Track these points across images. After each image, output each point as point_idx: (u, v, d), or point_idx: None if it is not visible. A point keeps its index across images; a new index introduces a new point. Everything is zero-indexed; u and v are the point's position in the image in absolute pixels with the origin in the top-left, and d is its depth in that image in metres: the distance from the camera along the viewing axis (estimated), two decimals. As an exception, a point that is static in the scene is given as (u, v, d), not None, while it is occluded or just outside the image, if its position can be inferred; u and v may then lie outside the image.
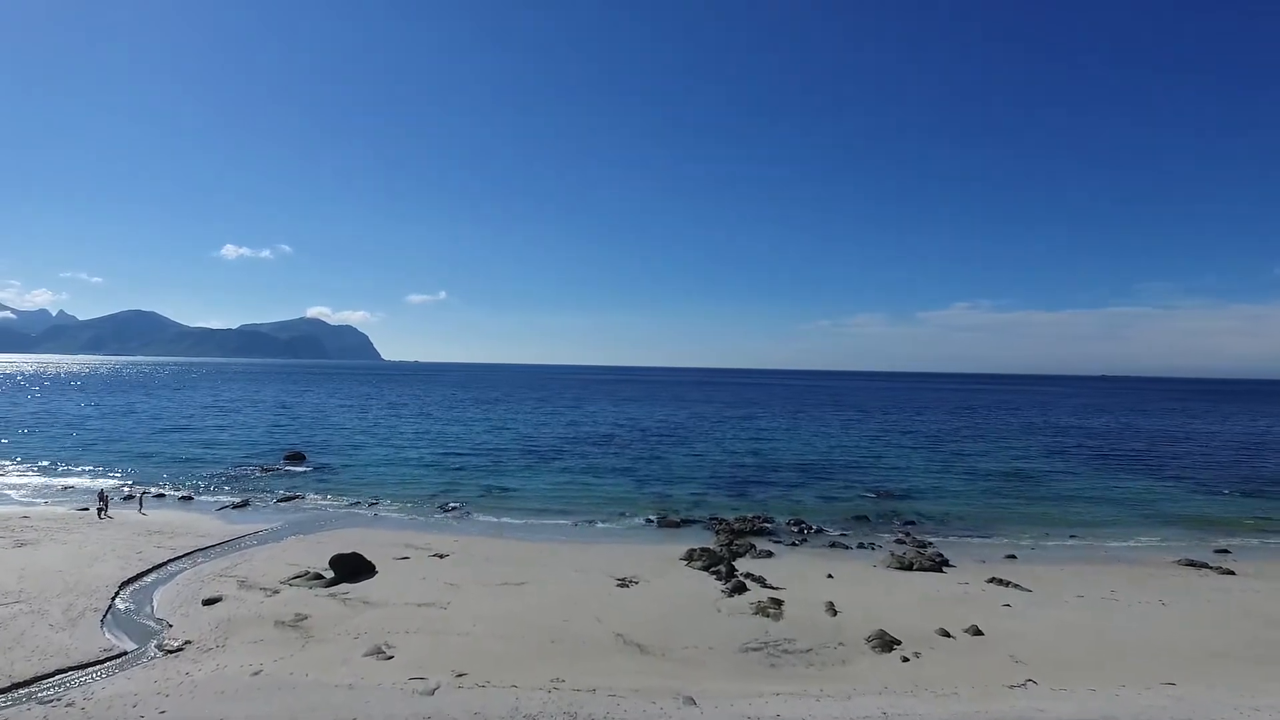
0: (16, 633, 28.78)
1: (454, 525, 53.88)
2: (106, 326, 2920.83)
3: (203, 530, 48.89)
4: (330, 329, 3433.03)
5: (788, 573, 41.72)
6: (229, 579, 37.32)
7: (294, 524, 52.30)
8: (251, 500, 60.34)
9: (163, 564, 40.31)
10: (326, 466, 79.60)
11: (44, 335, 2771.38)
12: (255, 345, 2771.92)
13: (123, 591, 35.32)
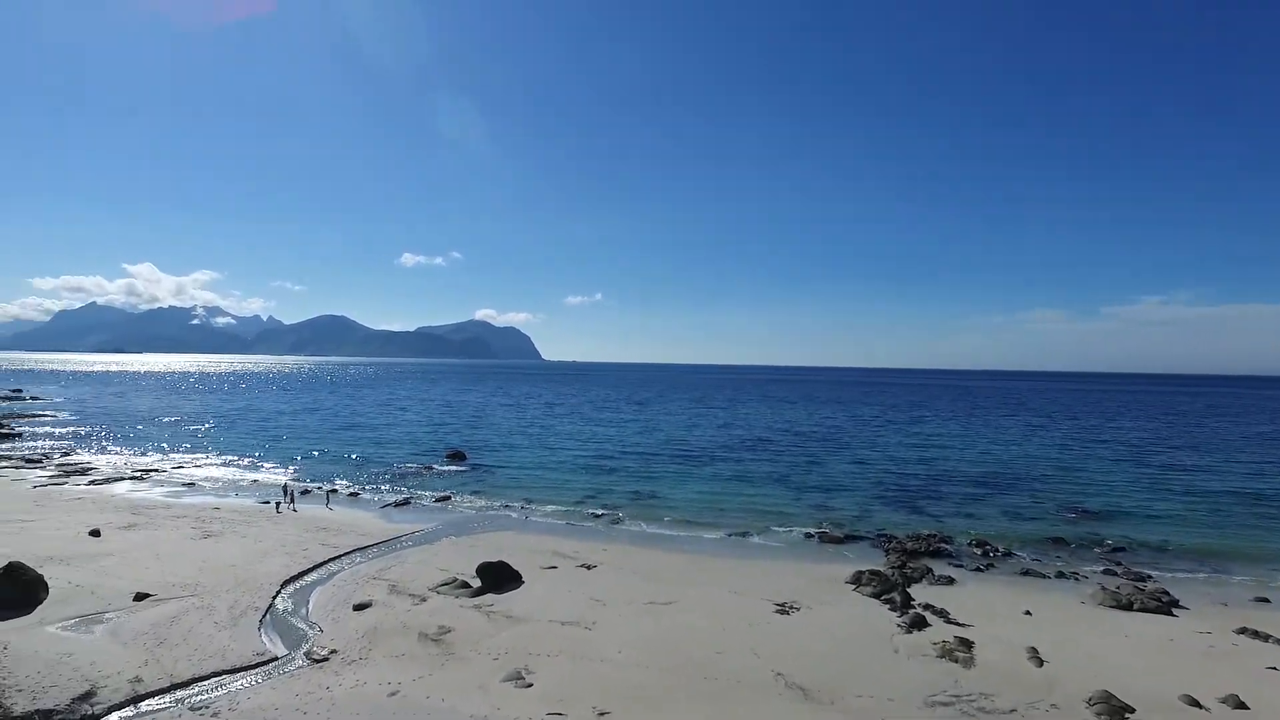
0: (185, 629, 29.53)
1: (603, 532, 52.17)
2: (306, 330, 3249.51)
3: (364, 528, 50.08)
4: (496, 330, 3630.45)
5: (974, 606, 36.21)
6: (381, 582, 37.24)
7: (449, 525, 52.62)
8: (412, 499, 61.85)
9: (324, 562, 41.15)
10: (483, 466, 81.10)
11: (257, 338, 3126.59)
12: (431, 346, 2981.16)
13: (284, 590, 36.01)
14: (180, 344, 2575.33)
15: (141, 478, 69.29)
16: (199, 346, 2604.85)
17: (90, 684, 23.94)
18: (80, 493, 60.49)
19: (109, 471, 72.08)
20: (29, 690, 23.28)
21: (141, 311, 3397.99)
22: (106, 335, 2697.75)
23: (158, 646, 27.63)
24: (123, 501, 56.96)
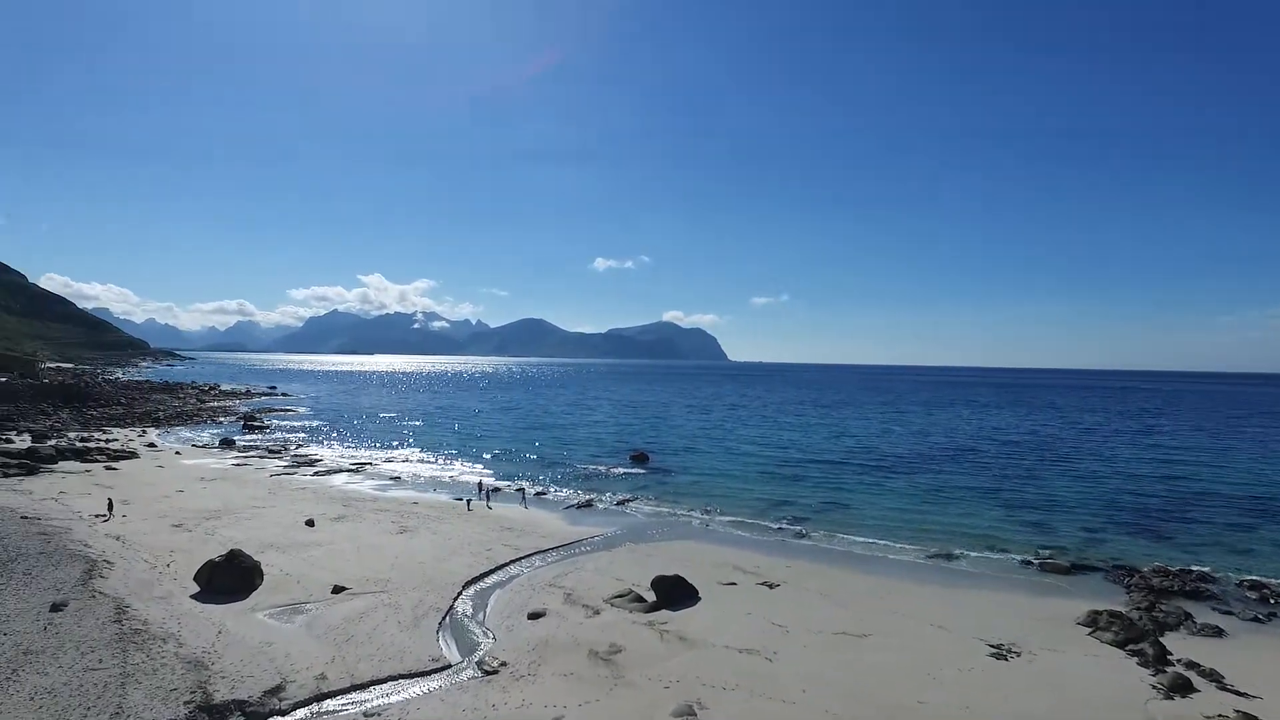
0: (371, 627, 30.35)
1: (787, 546, 48.83)
2: (509, 333, 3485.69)
3: (547, 530, 50.41)
4: (683, 331, 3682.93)
5: (1258, 668, 29.09)
6: (557, 590, 36.67)
7: (628, 530, 51.74)
8: (594, 501, 61.91)
9: (505, 564, 41.48)
10: (665, 469, 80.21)
11: (468, 340, 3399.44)
12: (620, 347, 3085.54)
13: (465, 591, 36.45)
14: (403, 345, 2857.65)
15: (356, 470, 75.29)
16: (419, 348, 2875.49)
17: (281, 677, 24.82)
18: (305, 483, 66.55)
19: (331, 464, 79.12)
20: (230, 678, 24.49)
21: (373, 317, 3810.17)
22: (345, 338, 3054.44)
23: (345, 644, 28.45)
24: (337, 493, 61.78)
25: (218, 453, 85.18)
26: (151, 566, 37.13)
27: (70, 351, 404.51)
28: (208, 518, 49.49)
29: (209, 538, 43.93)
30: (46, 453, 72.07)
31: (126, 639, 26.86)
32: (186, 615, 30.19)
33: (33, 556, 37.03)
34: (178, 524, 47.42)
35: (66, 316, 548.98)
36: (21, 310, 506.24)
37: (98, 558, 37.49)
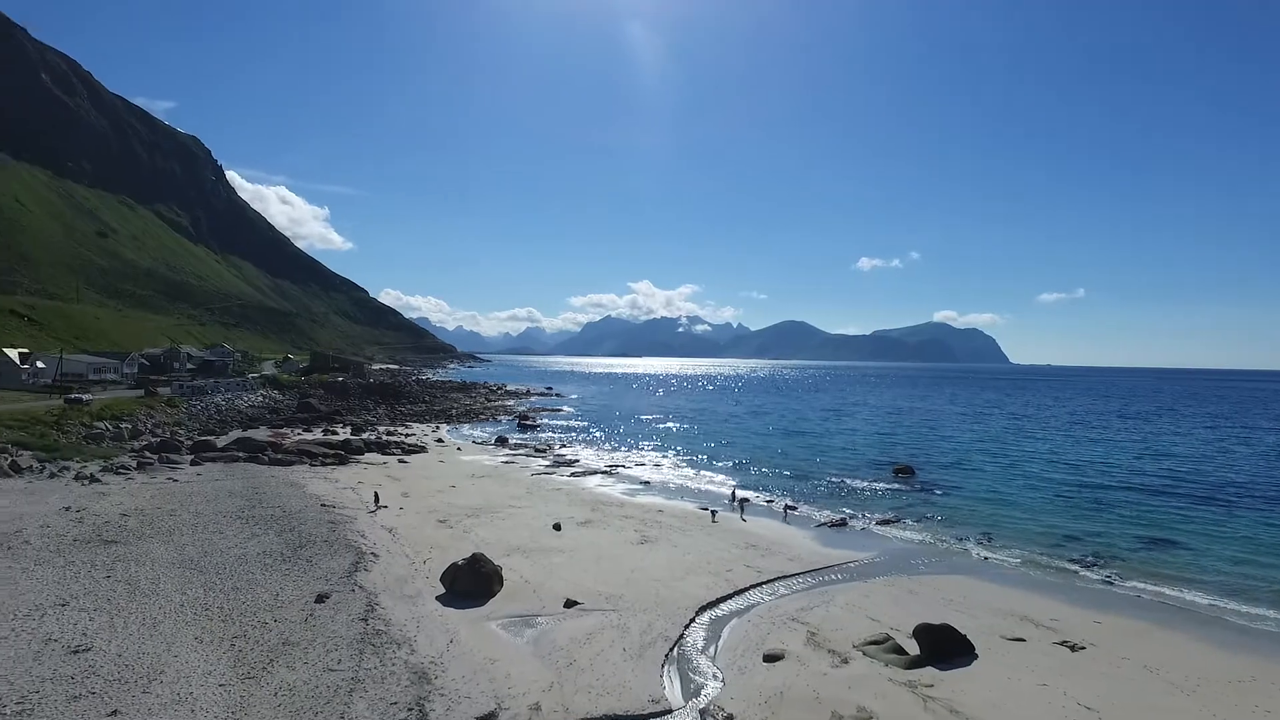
0: (595, 651, 28.49)
1: (1093, 594, 39.53)
2: (769, 335, 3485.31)
3: (794, 551, 46.06)
4: (956, 332, 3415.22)
5: None
6: (800, 628, 32.32)
7: (888, 558, 45.59)
8: (849, 520, 56.12)
9: (745, 589, 37.94)
10: (934, 486, 71.45)
11: (728, 343, 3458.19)
12: (886, 349, 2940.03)
13: (699, 618, 33.52)
14: (668, 349, 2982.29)
15: (610, 473, 76.46)
16: (682, 351, 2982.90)
17: (496, 703, 23.55)
18: (561, 483, 68.58)
19: (588, 464, 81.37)
20: (449, 696, 23.73)
21: (641, 321, 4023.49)
22: (617, 342, 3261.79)
23: (566, 668, 26.79)
24: (589, 496, 62.55)
25: (491, 450, 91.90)
26: (410, 562, 39.04)
27: (398, 354, 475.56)
28: (469, 515, 52.05)
29: (465, 536, 45.80)
30: (357, 445, 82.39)
31: (367, 640, 27.52)
32: (426, 619, 30.62)
33: (318, 544, 40.78)
34: (443, 519, 50.34)
35: (397, 325, 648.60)
36: (365, 320, 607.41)
37: (367, 550, 40.28)
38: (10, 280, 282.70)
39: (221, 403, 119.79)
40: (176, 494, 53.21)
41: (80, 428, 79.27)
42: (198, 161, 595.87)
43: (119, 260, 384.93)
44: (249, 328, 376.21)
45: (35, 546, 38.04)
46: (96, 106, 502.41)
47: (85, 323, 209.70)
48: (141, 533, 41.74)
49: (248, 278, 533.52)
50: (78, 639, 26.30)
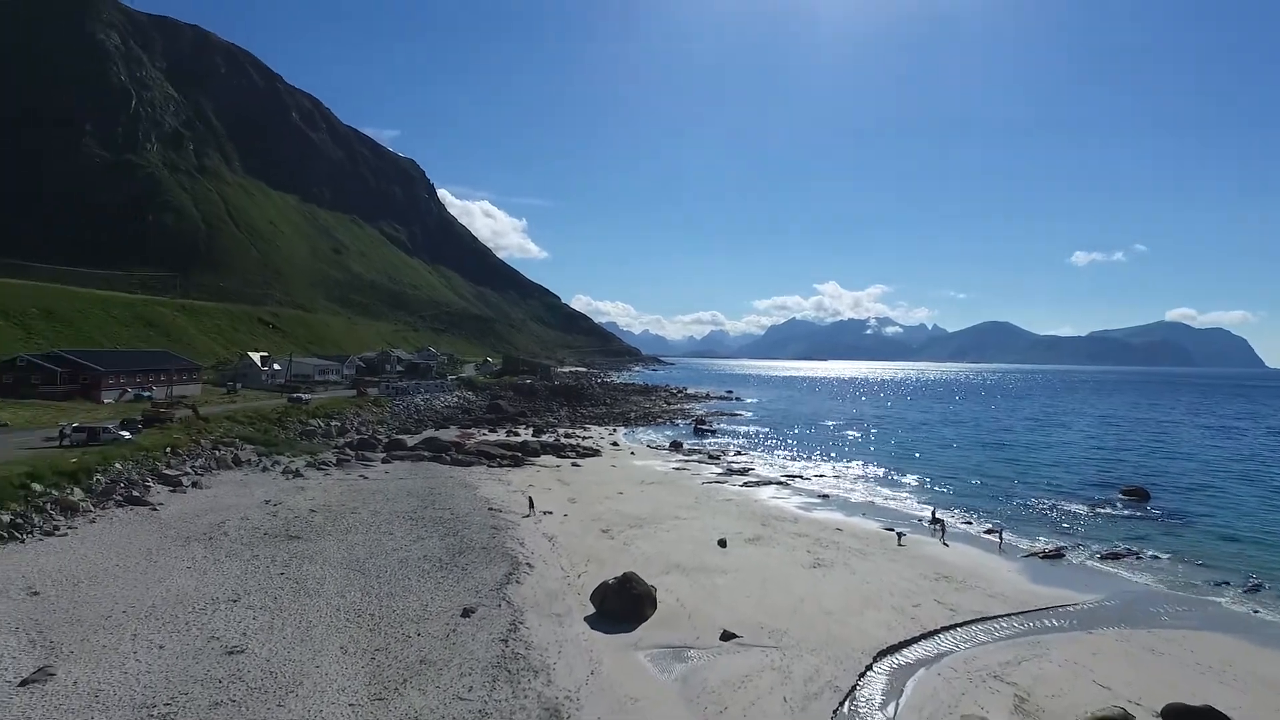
0: (749, 700, 24.91)
1: None
2: (969, 337, 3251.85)
3: (996, 586, 39.51)
4: (1194, 332, 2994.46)
5: None
6: (1004, 688, 26.72)
7: (1118, 603, 37.76)
8: (1065, 551, 47.89)
9: (934, 631, 32.52)
10: (1174, 514, 60.07)
11: (922, 346, 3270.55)
12: (1106, 352, 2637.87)
13: (877, 665, 28.83)
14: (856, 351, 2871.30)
15: (785, 484, 71.85)
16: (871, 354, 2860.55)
17: (630, 755, 20.76)
18: (732, 494, 65.13)
19: (762, 474, 77.22)
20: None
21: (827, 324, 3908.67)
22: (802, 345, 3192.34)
23: (717, 717, 23.49)
24: (760, 509, 58.59)
25: (664, 455, 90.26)
26: (564, 576, 37.50)
27: (587, 357, 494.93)
28: (632, 525, 50.12)
29: (625, 549, 43.79)
30: (533, 447, 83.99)
31: (503, 665, 25.87)
32: (569, 643, 28.60)
33: (477, 550, 40.44)
34: (605, 529, 48.77)
35: (587, 330, 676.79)
36: (557, 324, 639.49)
37: (523, 560, 39.28)
38: (265, 293, 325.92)
39: (420, 403, 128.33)
40: (362, 491, 56.00)
41: (297, 425, 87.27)
42: (414, 182, 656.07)
43: (349, 273, 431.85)
44: (455, 333, 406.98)
45: (231, 538, 40.75)
46: (333, 138, 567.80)
47: (318, 329, 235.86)
48: (323, 530, 43.67)
49: (454, 286, 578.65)
50: (236, 639, 26.89)
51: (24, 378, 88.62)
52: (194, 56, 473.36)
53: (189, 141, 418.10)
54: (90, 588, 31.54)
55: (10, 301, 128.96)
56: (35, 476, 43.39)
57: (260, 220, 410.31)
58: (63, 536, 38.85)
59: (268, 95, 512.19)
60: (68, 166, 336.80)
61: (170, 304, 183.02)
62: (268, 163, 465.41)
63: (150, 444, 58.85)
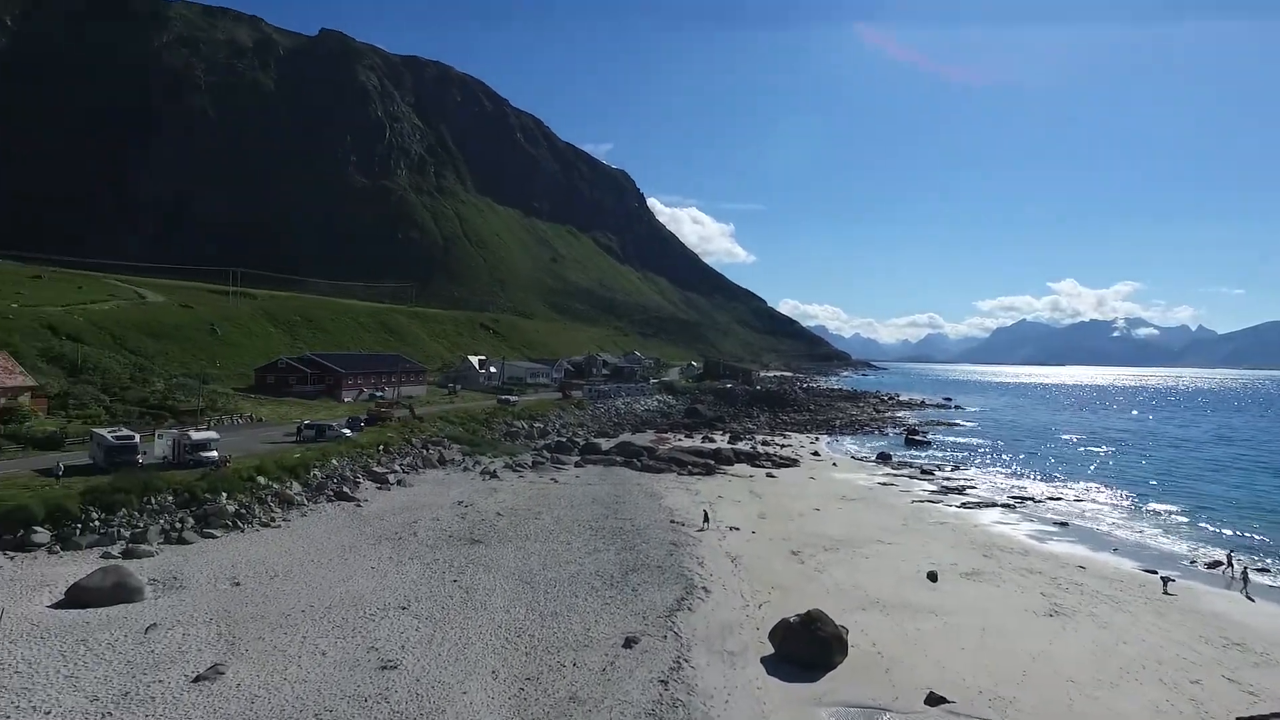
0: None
1: None
2: (1245, 339, 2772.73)
3: (1314, 665, 30.01)
4: None
5: None
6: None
7: None
8: None
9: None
10: None
11: (1184, 349, 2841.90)
12: None
13: (1139, 764, 22.14)
14: (1099, 356, 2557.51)
15: (1011, 506, 62.51)
16: (1118, 359, 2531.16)
17: None
18: (946, 516, 57.49)
19: (983, 494, 68.04)
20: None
21: (1064, 325, 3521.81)
22: (1032, 349, 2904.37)
23: (912, 815, 18.68)
24: (980, 536, 50.80)
25: (870, 467, 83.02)
26: (743, 605, 33.76)
27: (793, 361, 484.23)
28: (826, 548, 45.14)
29: (815, 576, 39.11)
30: (726, 455, 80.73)
31: (658, 714, 22.71)
32: (738, 691, 24.85)
33: (652, 568, 37.81)
34: (795, 550, 44.28)
35: (794, 333, 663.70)
36: (763, 328, 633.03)
37: (700, 582, 36.02)
38: (490, 300, 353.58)
39: (621, 406, 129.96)
40: (550, 496, 55.86)
41: (503, 425, 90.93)
42: (625, 193, 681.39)
43: (565, 281, 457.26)
44: (662, 337, 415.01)
45: (419, 539, 41.54)
46: (553, 154, 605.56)
47: (532, 333, 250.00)
48: (505, 535, 43.41)
49: (662, 291, 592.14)
50: (394, 652, 26.18)
51: (283, 378, 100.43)
52: (435, 89, 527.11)
53: (431, 166, 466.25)
54: (283, 582, 32.89)
55: (280, 311, 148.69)
56: (262, 470, 47.33)
57: (488, 233, 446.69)
58: (276, 529, 41.70)
59: (496, 118, 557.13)
60: (335, 193, 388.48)
61: (406, 311, 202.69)
62: (495, 180, 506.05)
63: (367, 442, 63.13)
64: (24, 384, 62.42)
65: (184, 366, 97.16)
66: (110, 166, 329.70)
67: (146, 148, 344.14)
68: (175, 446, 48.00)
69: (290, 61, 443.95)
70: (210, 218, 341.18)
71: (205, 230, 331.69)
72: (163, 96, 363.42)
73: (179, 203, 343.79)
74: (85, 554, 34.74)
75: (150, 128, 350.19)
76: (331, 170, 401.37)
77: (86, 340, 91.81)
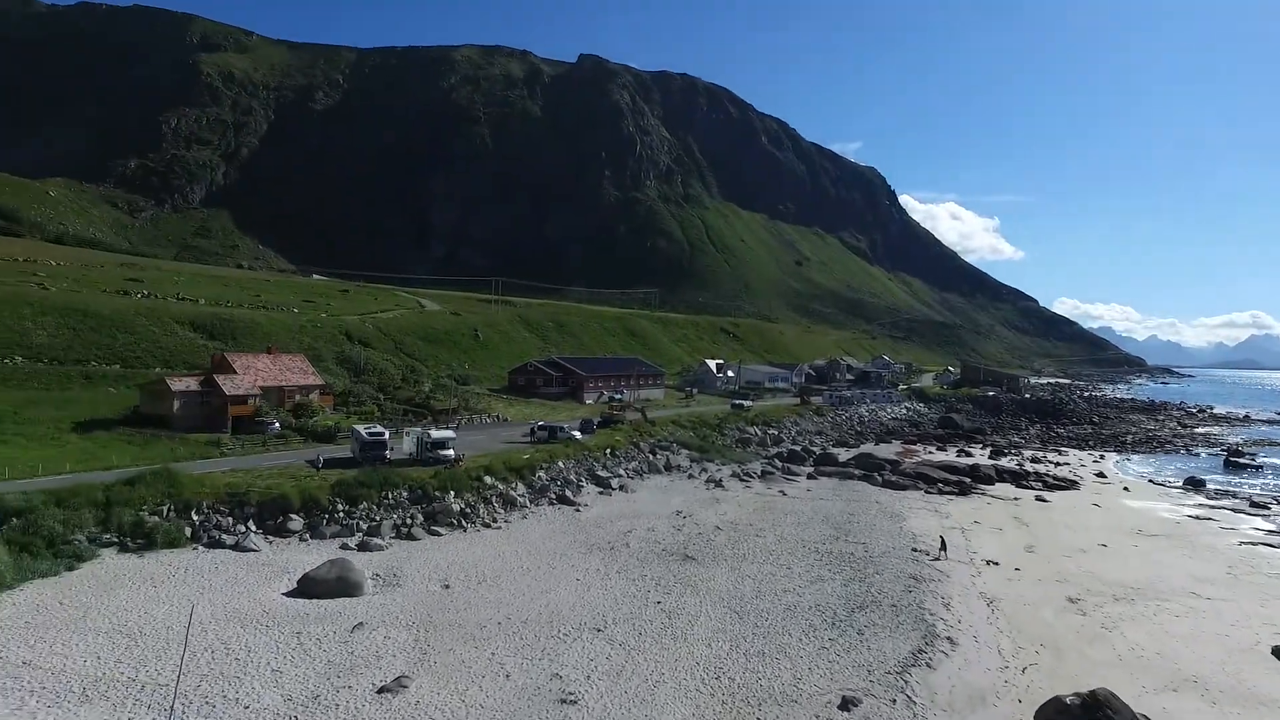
0: None
1: None
2: None
3: None
4: None
5: None
6: None
7: None
8: None
9: None
10: None
11: None
12: None
13: None
14: None
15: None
16: None
17: None
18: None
19: (1350, 540, 51.98)
20: None
21: None
22: None
23: None
24: (1352, 601, 38.03)
25: (1176, 495, 68.01)
26: (1001, 666, 27.30)
27: (1071, 367, 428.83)
28: (1117, 598, 36.17)
29: (1103, 635, 31.07)
30: (985, 473, 70.56)
31: (873, 811, 17.96)
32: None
33: (884, 607, 32.30)
34: (1074, 598, 35.97)
35: (1071, 336, 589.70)
36: (1033, 330, 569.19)
37: (943, 631, 29.93)
38: (734, 304, 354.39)
39: (865, 414, 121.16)
40: (776, 510, 51.62)
41: (735, 431, 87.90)
42: (875, 190, 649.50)
43: (810, 283, 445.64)
44: (915, 341, 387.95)
45: (630, 551, 39.69)
46: (797, 155, 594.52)
47: (773, 337, 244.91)
48: (720, 552, 40.15)
49: (916, 293, 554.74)
50: (577, 683, 23.98)
51: (531, 380, 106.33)
52: (682, 100, 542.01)
53: (678, 175, 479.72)
54: (489, 589, 32.49)
55: (535, 316, 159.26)
56: (490, 470, 48.68)
57: (732, 238, 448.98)
58: (496, 530, 42.22)
59: (740, 124, 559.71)
60: (592, 207, 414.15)
61: (649, 315, 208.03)
62: (740, 185, 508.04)
63: (595, 444, 63.41)
64: (315, 383, 71.23)
65: (449, 368, 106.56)
66: (407, 196, 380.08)
67: (435, 177, 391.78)
68: (418, 444, 51.06)
69: (553, 88, 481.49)
70: (487, 236, 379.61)
71: (482, 247, 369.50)
72: (450, 131, 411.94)
73: (461, 224, 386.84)
74: (327, 544, 37.26)
75: (439, 160, 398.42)
76: (589, 186, 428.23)
77: (373, 345, 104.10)
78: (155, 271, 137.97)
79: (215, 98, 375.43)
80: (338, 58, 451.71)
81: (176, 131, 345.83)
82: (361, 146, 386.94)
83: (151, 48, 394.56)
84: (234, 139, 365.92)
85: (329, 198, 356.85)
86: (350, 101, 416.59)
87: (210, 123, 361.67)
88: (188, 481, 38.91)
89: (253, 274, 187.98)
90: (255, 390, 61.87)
